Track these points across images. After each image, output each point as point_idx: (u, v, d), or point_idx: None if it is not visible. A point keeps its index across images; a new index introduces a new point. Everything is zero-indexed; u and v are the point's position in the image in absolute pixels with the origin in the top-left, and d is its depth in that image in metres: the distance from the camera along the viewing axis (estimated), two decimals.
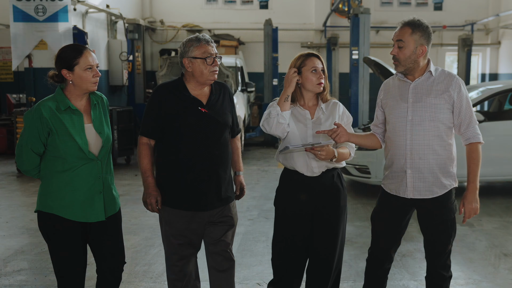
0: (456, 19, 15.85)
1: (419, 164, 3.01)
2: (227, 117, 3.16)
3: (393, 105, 3.10)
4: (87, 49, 2.83)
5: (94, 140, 2.86)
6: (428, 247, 3.17)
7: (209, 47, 3.01)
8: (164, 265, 4.53)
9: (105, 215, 2.92)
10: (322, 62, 3.13)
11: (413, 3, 16.34)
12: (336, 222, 3.15)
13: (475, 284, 4.19)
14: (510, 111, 7.92)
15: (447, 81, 3.02)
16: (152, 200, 3.06)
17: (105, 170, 2.94)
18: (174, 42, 15.92)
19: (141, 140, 3.09)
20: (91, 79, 2.81)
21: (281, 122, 3.04)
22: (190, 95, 3.06)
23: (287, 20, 15.46)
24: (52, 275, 4.30)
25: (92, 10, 11.92)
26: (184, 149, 3.02)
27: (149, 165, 3.07)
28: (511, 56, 15.51)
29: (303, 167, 3.09)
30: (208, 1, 16.25)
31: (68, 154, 2.78)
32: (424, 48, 2.99)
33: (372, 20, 14.19)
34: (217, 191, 3.10)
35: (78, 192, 2.82)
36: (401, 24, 3.04)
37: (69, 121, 2.79)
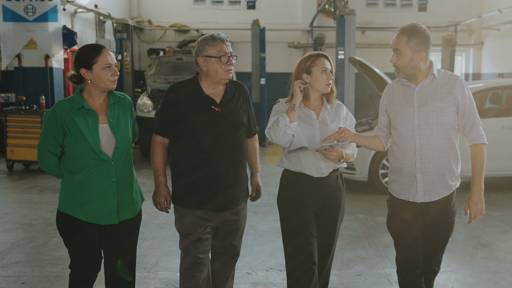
0: (440, 20, 16.10)
1: (428, 168, 2.98)
2: (241, 116, 3.11)
3: (398, 110, 3.05)
4: (105, 48, 2.83)
5: (108, 140, 2.82)
6: (425, 247, 3.12)
7: (224, 45, 2.97)
8: (157, 256, 4.74)
9: (119, 219, 2.87)
10: (331, 63, 3.12)
11: (398, 4, 16.55)
12: (336, 221, 3.19)
13: (453, 271, 4.40)
14: (490, 110, 8.17)
15: (451, 83, 2.98)
16: (162, 199, 3.05)
17: (121, 172, 2.88)
18: (162, 42, 16.02)
19: (155, 139, 3.08)
20: (110, 78, 2.80)
21: (288, 133, 3.02)
22: (204, 93, 3.02)
23: (274, 20, 15.63)
24: (49, 266, 4.49)
25: (80, 10, 12.00)
26: (197, 148, 2.98)
27: (161, 164, 3.05)
28: (493, 56, 15.82)
29: (312, 168, 3.08)
30: (195, 2, 16.34)
31: (81, 155, 2.77)
32: (422, 55, 2.92)
33: (358, 21, 14.42)
34: (230, 192, 3.05)
35: (92, 193, 2.80)
36: (397, 32, 2.98)
37: (82, 121, 2.77)
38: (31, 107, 9.32)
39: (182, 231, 3.08)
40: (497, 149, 6.87)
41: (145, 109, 10.09)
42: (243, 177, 3.16)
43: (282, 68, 16.03)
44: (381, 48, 15.63)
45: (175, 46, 15.78)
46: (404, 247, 3.12)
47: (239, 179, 3.11)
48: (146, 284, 4.12)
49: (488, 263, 4.61)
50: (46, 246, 5.04)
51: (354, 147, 3.20)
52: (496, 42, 15.42)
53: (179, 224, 3.11)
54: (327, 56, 3.13)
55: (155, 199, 3.09)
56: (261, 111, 12.65)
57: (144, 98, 10.36)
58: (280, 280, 4.21)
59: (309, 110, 3.14)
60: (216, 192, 3.01)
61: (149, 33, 16.16)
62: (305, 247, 3.08)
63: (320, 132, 3.09)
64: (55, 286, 4.09)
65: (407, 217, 3.07)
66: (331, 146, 2.91)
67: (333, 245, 3.25)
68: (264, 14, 15.68)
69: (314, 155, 3.06)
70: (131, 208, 2.94)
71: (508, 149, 7.14)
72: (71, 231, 2.84)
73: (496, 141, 6.73)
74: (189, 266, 3.06)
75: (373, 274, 4.32)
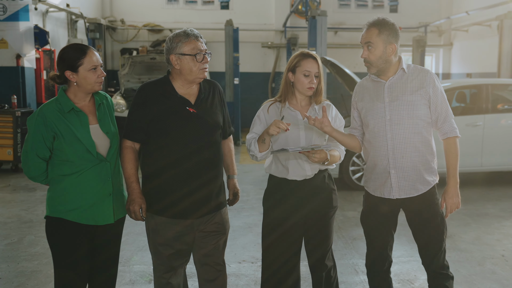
0: (411, 21, 16.47)
1: (402, 163, 2.95)
2: (217, 117, 2.95)
3: (369, 107, 3.02)
4: (90, 49, 2.72)
5: (102, 140, 2.76)
6: (423, 250, 3.08)
7: (198, 42, 2.80)
8: (131, 251, 4.82)
9: (114, 218, 2.81)
10: (318, 65, 3.01)
11: (369, 5, 16.86)
12: (329, 223, 3.10)
13: (417, 261, 4.58)
14: (456, 108, 8.44)
15: (421, 76, 2.95)
16: (136, 208, 2.82)
17: (115, 171, 2.83)
18: (135, 41, 16.02)
19: (125, 144, 2.87)
20: (96, 79, 2.71)
21: (259, 159, 3.02)
22: (177, 94, 2.84)
23: (247, 20, 15.77)
24: (25, 262, 4.53)
25: (52, 9, 11.93)
26: (171, 152, 2.80)
27: (133, 170, 2.85)
28: (462, 56, 16.24)
29: (295, 172, 3.01)
30: (169, 1, 16.37)
31: (76, 157, 2.68)
32: (393, 46, 2.91)
33: (330, 21, 14.68)
34: (208, 197, 2.88)
35: (87, 194, 2.72)
36: (366, 26, 2.95)
37: (74, 123, 2.69)
38: (3, 106, 9.26)
39: (156, 241, 2.88)
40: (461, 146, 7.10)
41: (118, 109, 10.13)
42: (221, 181, 3.00)
43: (256, 68, 16.19)
44: (354, 48, 15.93)
45: (149, 46, 15.80)
46: (378, 244, 3.12)
47: (217, 183, 2.94)
48: (122, 277, 4.20)
49: (450, 253, 4.80)
50: (21, 243, 5.08)
51: (342, 149, 3.16)
52: (465, 43, 15.84)
53: (153, 233, 2.90)
54: (315, 57, 3.02)
55: (128, 208, 2.86)
56: (235, 110, 12.76)
57: (118, 98, 10.40)
58: (252, 272, 4.35)
59: (294, 110, 3.05)
60: (193, 198, 2.83)
61: (122, 33, 16.13)
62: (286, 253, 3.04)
63: (305, 133, 3.01)
64: (31, 280, 4.14)
65: (382, 214, 3.05)
66: (312, 148, 2.83)
67: (328, 247, 3.14)
68: (237, 14, 15.83)
69: (299, 157, 2.98)
70: (123, 206, 2.89)
71: (471, 146, 7.39)
72: (64, 235, 2.71)
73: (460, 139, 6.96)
74: (163, 274, 2.92)
75: (341, 264, 4.48)
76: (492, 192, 7.28)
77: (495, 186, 7.57)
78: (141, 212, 2.84)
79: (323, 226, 3.09)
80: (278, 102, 3.10)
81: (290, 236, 3.05)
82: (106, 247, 2.87)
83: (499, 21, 11.82)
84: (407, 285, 4.12)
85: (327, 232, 3.11)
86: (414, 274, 4.35)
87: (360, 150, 3.20)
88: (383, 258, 3.15)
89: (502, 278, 4.27)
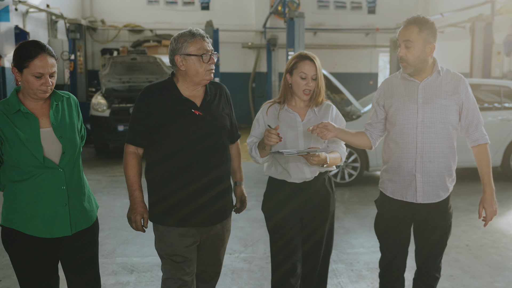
0: (388, 22, 16.76)
1: (429, 168, 2.85)
2: (224, 120, 2.82)
3: (399, 106, 2.89)
4: (42, 54, 2.43)
5: (53, 145, 2.52)
6: (422, 251, 3.01)
7: (204, 42, 2.67)
8: (114, 244, 4.99)
9: (72, 230, 2.58)
10: (316, 67, 2.91)
11: (348, 7, 17.12)
12: (323, 227, 3.02)
13: None
14: None
15: (455, 81, 2.88)
16: (137, 218, 2.70)
17: (71, 179, 2.59)
18: (115, 41, 16.05)
19: (128, 149, 2.74)
20: (39, 87, 2.44)
21: (262, 163, 3.00)
22: (182, 96, 2.71)
23: (228, 21, 15.94)
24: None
25: (32, 10, 11.97)
26: (176, 158, 2.67)
27: (136, 177, 2.72)
28: (438, 57, 16.16)
29: (295, 175, 2.94)
30: (149, 2, 16.45)
31: (22, 163, 2.46)
32: (432, 46, 2.80)
33: (309, 22, 14.93)
34: (215, 205, 2.77)
35: (39, 204, 2.49)
36: (406, 23, 2.82)
37: (21, 126, 2.45)
38: None
39: (164, 252, 2.76)
40: None
41: (99, 108, 10.25)
42: (228, 187, 2.88)
43: (236, 68, 16.37)
44: (332, 49, 16.21)
45: (129, 46, 15.85)
46: (393, 248, 3.03)
47: (224, 190, 2.82)
48: (104, 268, 4.35)
49: None
50: None
51: (343, 151, 3.06)
52: (441, 43, 16.16)
53: (160, 244, 2.78)
54: (313, 59, 2.93)
55: (129, 217, 2.73)
56: None
57: (99, 98, 10.51)
58: (229, 262, 4.54)
59: (293, 112, 2.97)
60: (200, 205, 2.71)
61: (102, 33, 16.16)
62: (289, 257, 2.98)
63: (303, 135, 2.93)
64: None
65: (400, 218, 2.96)
66: (307, 152, 2.73)
67: (320, 252, 3.05)
68: (218, 15, 15.99)
69: (299, 160, 2.91)
70: (85, 217, 2.65)
71: None
72: (20, 248, 2.51)
73: None
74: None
75: None
76: (462, 187, 7.56)
77: (465, 181, 7.87)
78: (143, 222, 2.72)
79: (319, 230, 3.01)
80: (277, 104, 3.03)
81: (292, 238, 2.98)
82: (76, 256, 2.65)
83: (471, 23, 12.19)
84: (376, 273, 4.34)
85: (322, 236, 3.01)
86: None
87: (370, 147, 3.10)
88: (399, 265, 3.06)
89: (464, 265, 4.54)
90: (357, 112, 8.07)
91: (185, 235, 2.73)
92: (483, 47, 11.71)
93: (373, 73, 17.39)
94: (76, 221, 2.60)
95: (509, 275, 4.32)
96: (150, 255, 4.70)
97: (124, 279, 4.20)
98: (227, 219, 2.90)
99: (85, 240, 2.66)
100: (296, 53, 2.99)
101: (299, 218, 2.99)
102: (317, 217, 2.99)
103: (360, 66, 17.15)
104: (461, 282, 4.17)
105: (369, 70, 17.30)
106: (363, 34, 16.96)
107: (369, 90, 15.34)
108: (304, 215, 2.99)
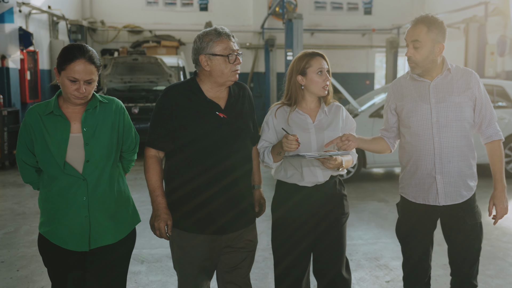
0: (384, 23, 17.02)
1: (448, 168, 2.76)
2: (248, 122, 2.72)
3: (412, 107, 2.82)
4: (81, 59, 2.34)
5: (79, 152, 2.40)
6: (457, 256, 2.89)
7: (230, 42, 2.56)
8: None
9: (91, 245, 2.44)
10: (327, 62, 2.86)
11: (345, 8, 17.37)
12: (340, 230, 2.90)
13: (383, 243, 5.11)
14: None
15: (466, 77, 2.80)
16: (161, 225, 2.53)
17: (95, 191, 2.43)
18: (115, 42, 16.23)
19: (148, 153, 2.61)
20: (73, 92, 2.36)
21: (274, 167, 2.89)
22: (206, 98, 2.59)
23: (226, 22, 16.12)
24: (24, 248, 4.89)
25: (35, 11, 12.16)
26: (200, 161, 2.54)
27: (158, 182, 2.58)
28: None
29: (307, 178, 2.83)
30: (148, 3, 16.64)
31: (46, 166, 2.39)
32: (441, 46, 2.72)
33: (307, 23, 15.12)
34: (239, 211, 2.64)
35: (59, 212, 2.40)
36: (414, 22, 2.74)
37: (50, 128, 2.39)
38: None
39: (182, 260, 2.63)
40: None
41: None
42: (250, 191, 2.78)
43: None
44: (330, 49, 16.43)
45: (129, 47, 16.05)
46: (417, 253, 2.94)
47: (248, 194, 2.73)
48: None
49: None
50: (17, 232, 5.42)
51: (354, 153, 2.98)
52: None
53: (179, 251, 2.64)
54: (322, 55, 2.86)
55: (153, 224, 2.57)
56: None
57: None
58: None
59: (304, 114, 2.87)
60: (223, 210, 2.58)
61: (102, 34, 16.33)
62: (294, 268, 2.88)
63: (316, 137, 2.83)
64: (33, 263, 4.50)
65: (423, 222, 2.88)
66: (330, 155, 2.65)
67: (342, 259, 2.91)
68: (216, 16, 16.22)
69: (311, 163, 2.82)
70: (111, 233, 2.48)
71: None
72: (48, 254, 2.48)
73: None
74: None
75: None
76: None
77: None
78: (167, 229, 2.56)
79: (335, 233, 2.88)
80: (286, 106, 2.92)
81: (300, 244, 2.87)
82: (100, 273, 2.53)
83: (465, 24, 12.45)
84: (373, 262, 4.60)
85: (340, 239, 2.89)
86: (380, 253, 4.84)
87: (389, 151, 3.04)
88: (424, 269, 2.96)
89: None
90: (354, 111, 8.30)
91: (205, 242, 2.59)
92: (477, 48, 11.99)
93: (370, 73, 17.63)
94: (97, 236, 2.45)
95: (499, 263, 4.57)
96: (158, 247, 4.92)
97: (135, 269, 4.41)
98: (252, 224, 2.76)
99: (112, 257, 2.51)
100: (300, 53, 2.90)
101: (310, 221, 2.86)
102: (329, 219, 2.87)
103: (356, 66, 17.39)
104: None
105: (366, 70, 17.55)
106: (360, 35, 17.21)
107: (365, 90, 15.58)
108: (317, 218, 2.86)
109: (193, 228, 2.57)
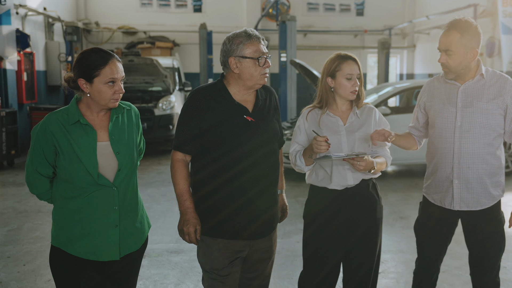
0: (376, 24, 17.23)
1: (467, 174, 2.73)
2: (275, 126, 2.67)
3: (439, 109, 2.81)
4: (113, 58, 2.32)
5: (109, 161, 2.36)
6: (475, 263, 2.89)
7: (260, 45, 2.52)
8: None
9: (121, 254, 2.42)
10: (359, 67, 2.79)
11: (337, 9, 17.54)
12: (374, 235, 2.82)
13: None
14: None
15: (500, 83, 2.73)
16: (191, 229, 2.50)
17: (125, 199, 2.42)
18: (109, 43, 16.32)
19: (175, 156, 2.57)
20: (112, 96, 2.32)
21: (306, 171, 2.87)
22: (234, 101, 2.55)
23: (220, 23, 16.27)
24: (29, 244, 5.03)
25: (31, 13, 12.28)
26: (227, 166, 2.49)
27: (186, 186, 2.54)
28: (424, 58, 17.11)
29: (336, 181, 2.77)
30: (143, 4, 16.75)
31: (76, 178, 2.31)
32: (475, 52, 2.67)
33: (299, 24, 15.30)
34: (266, 216, 2.61)
35: (89, 224, 2.34)
36: (447, 27, 2.69)
37: (77, 139, 2.31)
38: None
39: (208, 265, 2.58)
40: None
41: None
42: (277, 195, 2.73)
43: None
44: (322, 50, 16.61)
45: (123, 48, 16.17)
46: (429, 254, 2.99)
47: (274, 199, 2.68)
48: None
49: (404, 231, 5.57)
50: (21, 229, 5.58)
51: (388, 155, 2.89)
52: (427, 45, 16.71)
53: (204, 257, 2.60)
54: (355, 59, 2.81)
55: (182, 229, 2.54)
56: None
57: None
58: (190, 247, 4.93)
59: (335, 116, 2.83)
60: (251, 217, 2.55)
61: (96, 35, 16.43)
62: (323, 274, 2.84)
63: (347, 140, 2.78)
64: (38, 258, 4.66)
65: (439, 225, 2.89)
66: (357, 155, 2.60)
67: (372, 265, 2.85)
68: (210, 17, 16.36)
69: (341, 165, 2.76)
70: (134, 239, 2.49)
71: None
72: (65, 269, 2.37)
73: None
74: None
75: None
76: None
77: None
78: (196, 234, 2.52)
79: (366, 240, 2.81)
80: (317, 109, 2.89)
81: (329, 248, 2.82)
82: (118, 282, 2.52)
83: None
84: None
85: (372, 247, 2.82)
86: None
87: (416, 148, 3.05)
88: (433, 270, 3.03)
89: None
90: None
91: (233, 248, 2.56)
92: None
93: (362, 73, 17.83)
94: (125, 244, 2.44)
95: None
96: (158, 242, 5.11)
97: None
98: (275, 229, 2.74)
99: (130, 266, 2.52)
100: (333, 55, 2.85)
101: (340, 227, 2.80)
102: (362, 225, 2.80)
103: None
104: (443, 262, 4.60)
105: None
106: (352, 36, 17.42)
107: None
108: (348, 223, 2.80)
109: (219, 234, 2.55)
